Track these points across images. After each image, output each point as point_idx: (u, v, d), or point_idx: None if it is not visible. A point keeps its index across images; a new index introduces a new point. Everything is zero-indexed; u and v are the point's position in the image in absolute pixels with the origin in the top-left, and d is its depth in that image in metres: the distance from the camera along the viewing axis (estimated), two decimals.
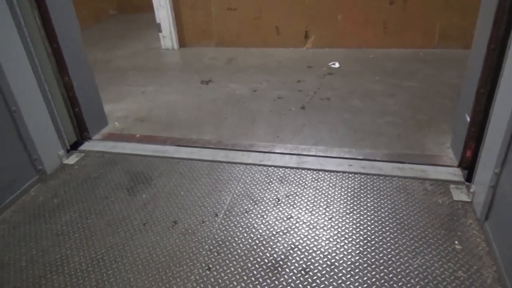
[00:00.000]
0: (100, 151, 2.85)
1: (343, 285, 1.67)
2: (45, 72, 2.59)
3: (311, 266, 1.77)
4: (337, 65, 4.22)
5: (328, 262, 1.78)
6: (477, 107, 2.07)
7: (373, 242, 1.87)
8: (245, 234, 1.99)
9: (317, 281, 1.70)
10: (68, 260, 1.92)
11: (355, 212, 2.08)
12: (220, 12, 4.99)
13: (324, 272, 1.74)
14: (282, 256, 1.84)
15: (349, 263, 1.77)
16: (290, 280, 1.71)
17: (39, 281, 1.81)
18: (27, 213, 2.28)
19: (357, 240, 1.89)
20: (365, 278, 1.69)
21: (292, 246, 1.90)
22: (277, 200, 2.23)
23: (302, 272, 1.75)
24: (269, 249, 1.89)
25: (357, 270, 1.73)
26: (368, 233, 1.93)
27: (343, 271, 1.73)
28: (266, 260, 1.83)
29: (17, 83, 2.34)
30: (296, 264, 1.79)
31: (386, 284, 1.66)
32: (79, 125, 2.93)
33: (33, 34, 2.48)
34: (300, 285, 1.68)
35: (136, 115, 3.43)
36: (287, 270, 1.76)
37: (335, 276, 1.71)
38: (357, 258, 1.79)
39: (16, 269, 1.90)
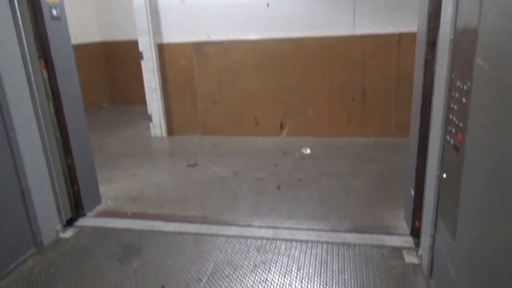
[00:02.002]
0: (94, 226, 3.12)
1: None
2: (53, 154, 2.98)
3: None
4: (308, 151, 4.76)
5: None
6: (418, 182, 2.53)
7: None
8: None
9: None
10: None
11: (322, 274, 2.38)
12: (206, 105, 5.64)
13: None
14: None
15: None
16: None
17: None
18: (25, 281, 2.47)
19: None
20: None
21: None
22: (254, 266, 2.51)
23: None
24: None
25: None
26: None
27: None
28: None
29: (30, 162, 2.71)
30: None
31: None
32: (76, 203, 3.24)
33: (47, 121, 2.93)
34: None
35: (127, 195, 3.76)
36: None
37: None
38: None
39: None
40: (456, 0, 1.76)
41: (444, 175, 1.91)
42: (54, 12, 2.92)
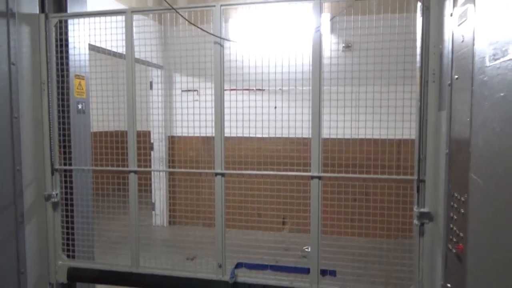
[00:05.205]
0: None
1: None
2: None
3: None
4: (310, 249, 4.68)
5: None
6: None
7: None
8: None
9: None
10: None
11: None
12: (209, 197, 5.71)
13: None
14: None
15: None
16: None
17: None
18: None
19: None
20: None
21: None
22: None
23: None
24: None
25: None
26: None
27: None
28: None
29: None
30: None
31: None
32: None
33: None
34: None
35: None
36: None
37: None
38: None
39: None
40: (449, 119, 1.96)
41: (449, 285, 1.90)
42: (80, 106, 3.19)
